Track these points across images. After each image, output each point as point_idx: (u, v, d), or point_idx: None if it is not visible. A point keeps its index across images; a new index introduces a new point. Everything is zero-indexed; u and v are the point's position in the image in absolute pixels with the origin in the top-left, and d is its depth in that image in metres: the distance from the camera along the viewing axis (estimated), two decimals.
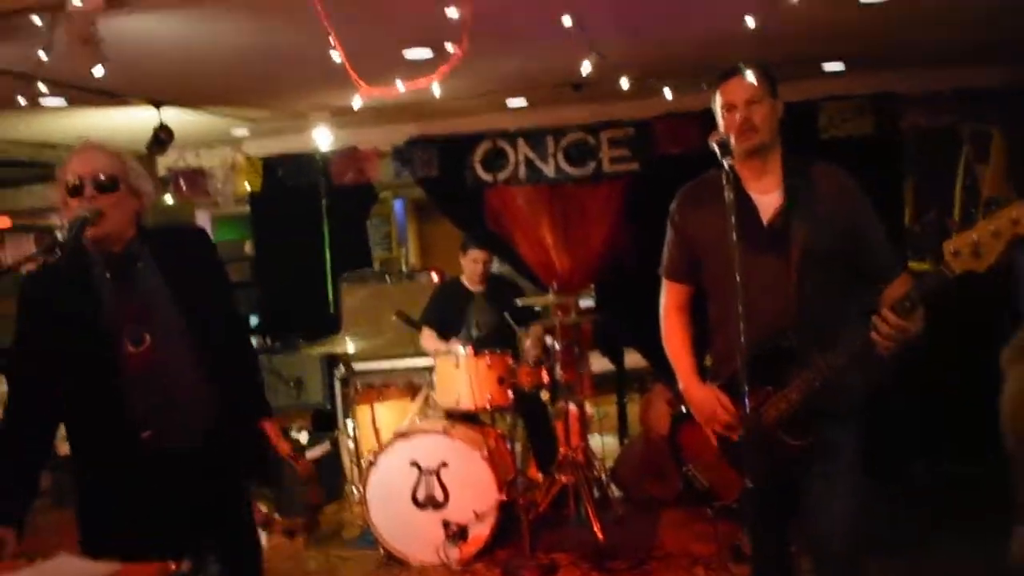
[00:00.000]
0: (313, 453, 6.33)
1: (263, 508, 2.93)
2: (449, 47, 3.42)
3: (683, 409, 3.18)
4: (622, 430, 7.37)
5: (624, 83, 4.44)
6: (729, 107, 2.97)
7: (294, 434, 6.36)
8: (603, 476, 5.96)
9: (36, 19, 3.95)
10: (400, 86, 3.49)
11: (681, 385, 3.18)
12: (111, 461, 2.74)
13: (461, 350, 5.47)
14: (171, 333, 2.73)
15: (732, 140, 2.90)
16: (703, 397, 3.06)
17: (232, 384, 2.88)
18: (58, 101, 5.70)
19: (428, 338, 6.13)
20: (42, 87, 4.45)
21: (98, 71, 4.02)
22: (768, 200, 2.98)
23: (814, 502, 2.93)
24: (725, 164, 2.80)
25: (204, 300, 2.82)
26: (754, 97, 2.94)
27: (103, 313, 2.71)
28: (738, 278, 2.69)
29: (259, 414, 3.03)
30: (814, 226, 2.90)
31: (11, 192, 9.79)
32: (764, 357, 2.84)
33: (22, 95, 4.36)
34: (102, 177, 2.68)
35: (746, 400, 2.70)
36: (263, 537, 3.13)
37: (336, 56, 3.39)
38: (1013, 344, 3.86)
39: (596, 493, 5.68)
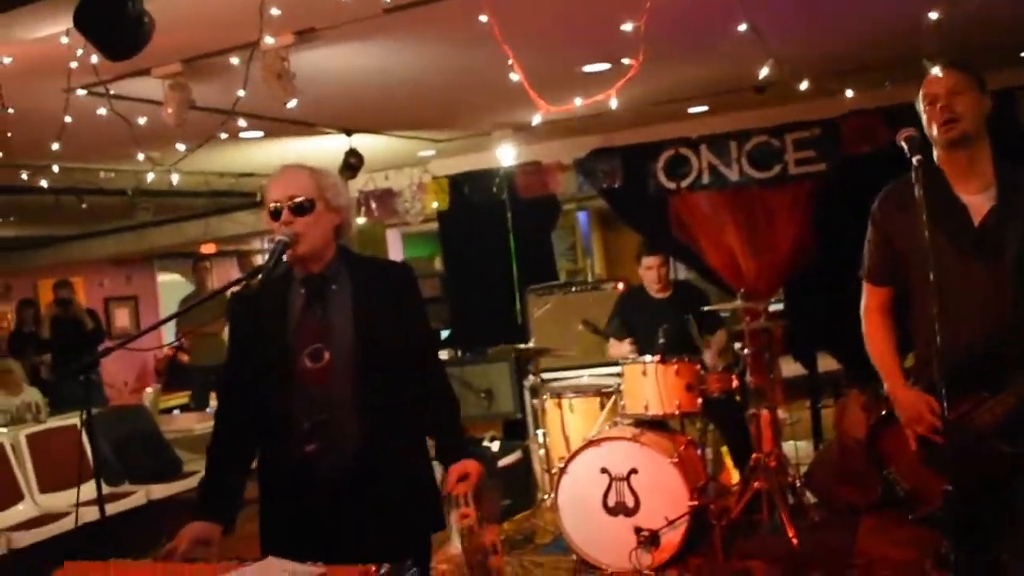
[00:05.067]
0: (505, 461, 6.48)
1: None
2: (625, 60, 3.46)
3: (883, 413, 3.11)
4: (816, 435, 7.20)
5: (804, 84, 4.36)
6: (932, 99, 2.90)
7: (486, 443, 6.51)
8: (797, 482, 5.85)
9: (233, 59, 4.23)
10: (578, 102, 3.54)
11: (887, 387, 3.10)
12: (281, 472, 2.89)
13: (648, 357, 5.49)
14: (344, 356, 2.83)
15: (934, 132, 2.86)
16: (911, 399, 2.98)
17: (411, 421, 2.94)
18: (256, 133, 6.05)
19: (616, 347, 6.18)
20: (242, 122, 4.72)
21: (292, 104, 4.26)
22: (979, 200, 2.89)
23: None
24: (914, 161, 2.74)
25: (384, 334, 2.87)
26: (956, 88, 2.86)
27: (290, 328, 2.85)
28: (932, 278, 2.64)
29: (451, 458, 3.01)
30: None
31: (215, 220, 10.43)
32: (978, 362, 2.78)
33: (224, 130, 4.65)
34: (298, 200, 2.80)
35: (944, 404, 2.63)
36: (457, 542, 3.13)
37: (515, 77, 3.48)
38: None
39: (790, 499, 5.57)
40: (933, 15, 3.52)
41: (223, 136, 4.83)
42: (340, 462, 2.82)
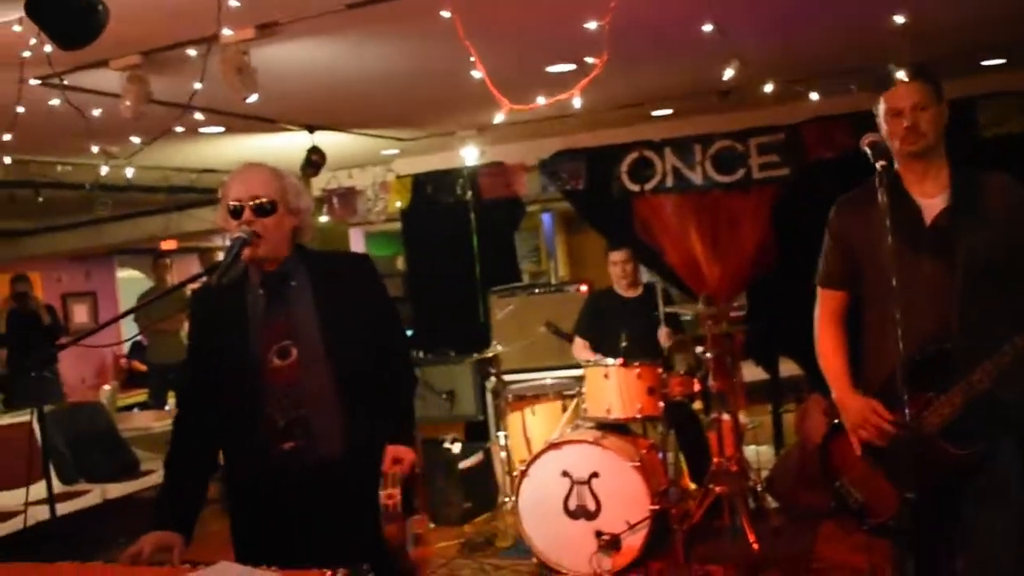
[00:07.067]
0: (466, 463, 6.43)
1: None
2: (589, 60, 3.43)
3: (834, 422, 3.10)
4: (778, 440, 7.22)
5: (769, 87, 4.36)
6: (896, 112, 2.88)
7: (447, 445, 6.46)
8: (758, 486, 5.85)
9: (191, 51, 4.16)
10: (541, 100, 3.51)
11: (834, 394, 3.09)
12: (256, 472, 2.82)
13: (610, 360, 5.46)
14: (313, 352, 2.79)
15: (896, 144, 2.86)
16: (858, 406, 2.97)
17: (376, 410, 2.88)
18: (216, 128, 5.97)
19: (580, 348, 6.14)
20: (199, 116, 4.65)
21: (252, 99, 4.19)
22: (933, 203, 2.90)
23: (979, 520, 2.81)
24: (878, 167, 2.74)
25: (350, 325, 2.84)
26: (921, 103, 2.85)
27: (253, 327, 2.80)
28: (894, 282, 2.63)
29: (391, 438, 2.89)
30: (981, 231, 2.80)
31: (176, 216, 10.29)
32: (925, 362, 2.77)
33: (182, 124, 4.57)
34: (260, 200, 2.75)
35: (906, 409, 2.62)
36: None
37: (477, 75, 3.44)
38: None
39: (751, 503, 5.58)
40: (899, 19, 3.51)
41: (180, 130, 4.74)
42: (321, 457, 2.78)
